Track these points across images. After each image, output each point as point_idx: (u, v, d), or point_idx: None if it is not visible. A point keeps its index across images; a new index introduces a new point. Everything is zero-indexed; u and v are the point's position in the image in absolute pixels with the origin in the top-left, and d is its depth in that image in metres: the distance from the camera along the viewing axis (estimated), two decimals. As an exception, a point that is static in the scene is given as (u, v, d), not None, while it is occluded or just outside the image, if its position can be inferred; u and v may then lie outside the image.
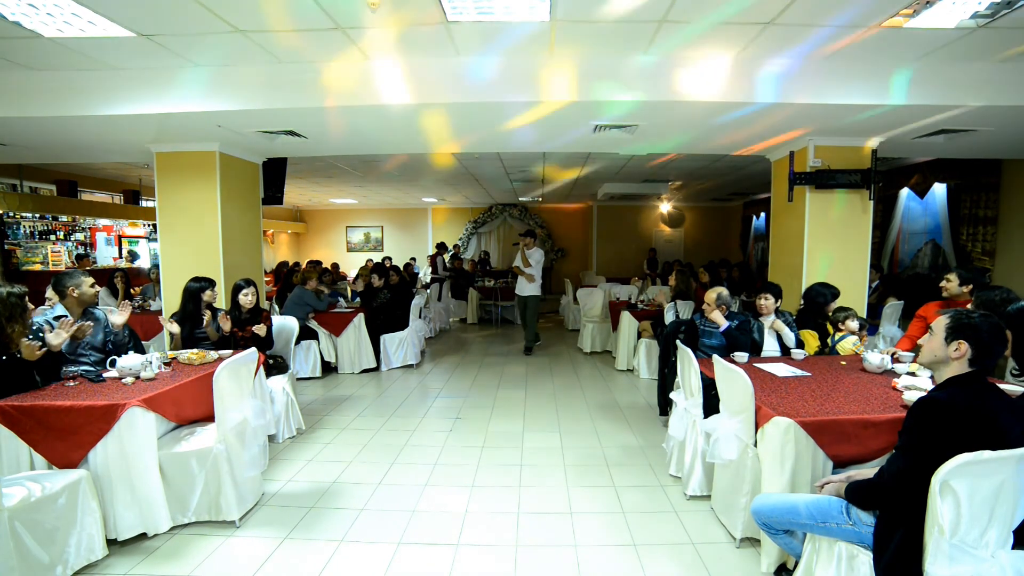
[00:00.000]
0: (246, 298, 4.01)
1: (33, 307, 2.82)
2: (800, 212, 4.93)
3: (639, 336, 6.04)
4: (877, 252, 7.52)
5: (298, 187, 10.13)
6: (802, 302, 4.17)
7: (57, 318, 3.07)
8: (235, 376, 2.85)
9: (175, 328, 3.69)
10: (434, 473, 3.43)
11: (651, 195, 11.62)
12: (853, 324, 3.67)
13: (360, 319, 6.12)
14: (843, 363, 3.29)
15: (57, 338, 2.80)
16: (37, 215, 8.32)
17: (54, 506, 2.23)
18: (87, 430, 2.44)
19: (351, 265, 13.34)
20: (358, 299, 6.99)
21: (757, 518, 2.12)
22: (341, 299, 7.09)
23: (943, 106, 3.83)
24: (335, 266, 11.12)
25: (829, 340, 3.72)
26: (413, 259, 12.32)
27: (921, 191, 7.02)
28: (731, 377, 2.59)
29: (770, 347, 3.70)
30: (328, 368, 6.13)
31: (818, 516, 1.91)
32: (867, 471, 2.01)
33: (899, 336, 5.25)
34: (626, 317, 6.22)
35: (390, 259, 10.40)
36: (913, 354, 3.20)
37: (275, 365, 4.11)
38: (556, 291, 12.70)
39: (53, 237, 8.81)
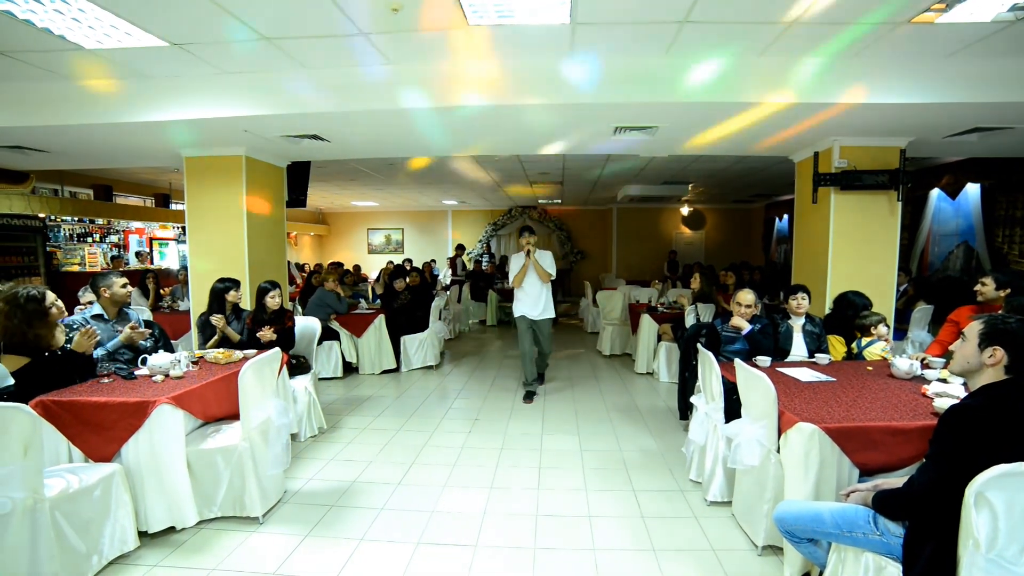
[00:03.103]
0: (273, 300, 4.10)
1: (63, 309, 2.92)
2: (825, 214, 4.84)
3: (659, 339, 5.98)
4: (905, 254, 7.32)
5: (321, 190, 10.31)
6: (831, 307, 4.08)
7: (95, 316, 3.21)
8: (259, 375, 2.91)
9: (220, 322, 3.81)
10: (453, 474, 3.45)
11: (671, 197, 11.53)
12: (883, 329, 3.58)
13: (381, 320, 6.20)
14: (869, 368, 3.21)
15: (85, 345, 2.89)
16: (75, 218, 8.66)
17: (90, 498, 2.31)
18: (120, 425, 2.53)
19: (372, 267, 13.52)
20: (379, 300, 7.08)
21: (780, 526, 2.07)
22: (362, 300, 7.19)
23: (977, 103, 3.71)
24: (356, 267, 11.27)
25: (855, 345, 3.63)
26: (433, 261, 12.43)
27: (953, 192, 6.81)
28: (753, 381, 2.55)
29: (797, 350, 3.62)
30: (349, 368, 6.21)
31: (844, 525, 1.86)
32: (895, 480, 1.95)
33: (928, 341, 5.11)
34: (646, 320, 6.16)
35: (410, 261, 10.50)
36: (944, 360, 3.11)
37: (298, 365, 4.18)
38: (576, 293, 12.66)
39: (90, 239, 9.15)
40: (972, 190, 6.68)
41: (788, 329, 3.68)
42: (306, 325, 4.44)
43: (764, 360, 3.27)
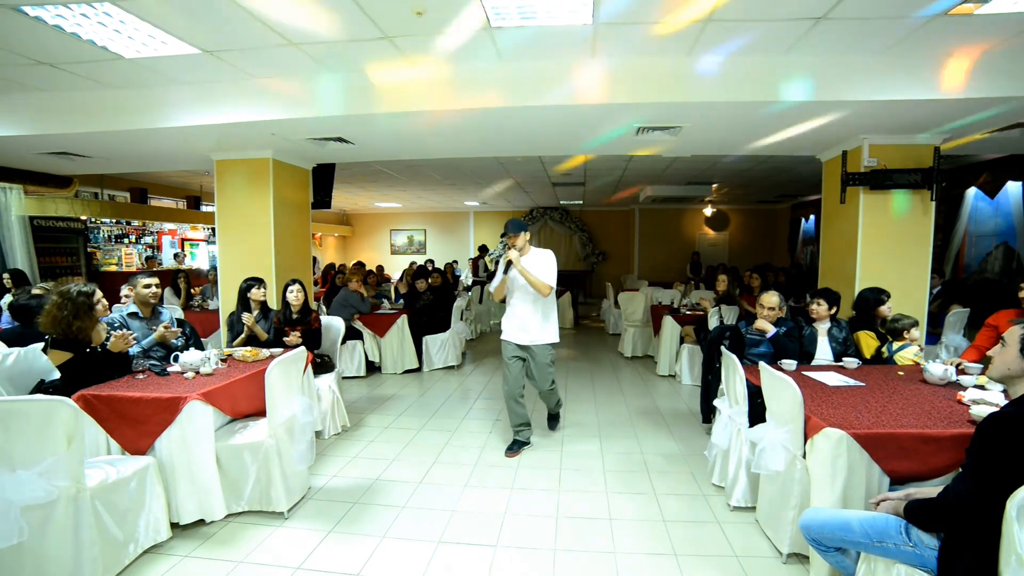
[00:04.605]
0: (292, 295, 4.19)
1: (107, 307, 3.07)
2: (853, 214, 4.71)
3: (681, 341, 5.92)
4: (939, 256, 7.08)
5: (345, 191, 10.48)
6: (854, 309, 3.99)
7: (131, 314, 3.34)
8: (285, 373, 2.98)
9: (250, 320, 3.92)
10: (474, 474, 3.47)
11: (695, 197, 11.37)
12: (915, 333, 3.48)
13: (403, 320, 6.27)
14: (900, 373, 3.12)
15: (120, 346, 3.01)
16: (113, 220, 9.00)
17: (127, 488, 2.41)
18: (154, 420, 2.62)
19: (395, 267, 13.68)
20: (402, 300, 7.16)
21: (806, 534, 2.03)
22: (385, 300, 7.28)
23: (1019, 97, 3.56)
24: (379, 268, 11.42)
25: (885, 349, 3.53)
26: (455, 262, 12.51)
27: (991, 190, 6.56)
28: (778, 385, 2.51)
29: (822, 354, 3.55)
30: (372, 368, 6.30)
31: (874, 535, 1.80)
32: (928, 490, 1.89)
33: (964, 346, 4.93)
34: (668, 322, 6.10)
35: (432, 262, 10.59)
36: (981, 366, 3.00)
37: (322, 364, 4.26)
38: (597, 295, 12.60)
39: (126, 240, 9.50)
40: (1013, 188, 6.42)
41: (813, 332, 3.61)
42: (330, 324, 4.52)
43: (789, 363, 3.20)
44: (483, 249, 12.18)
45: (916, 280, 4.63)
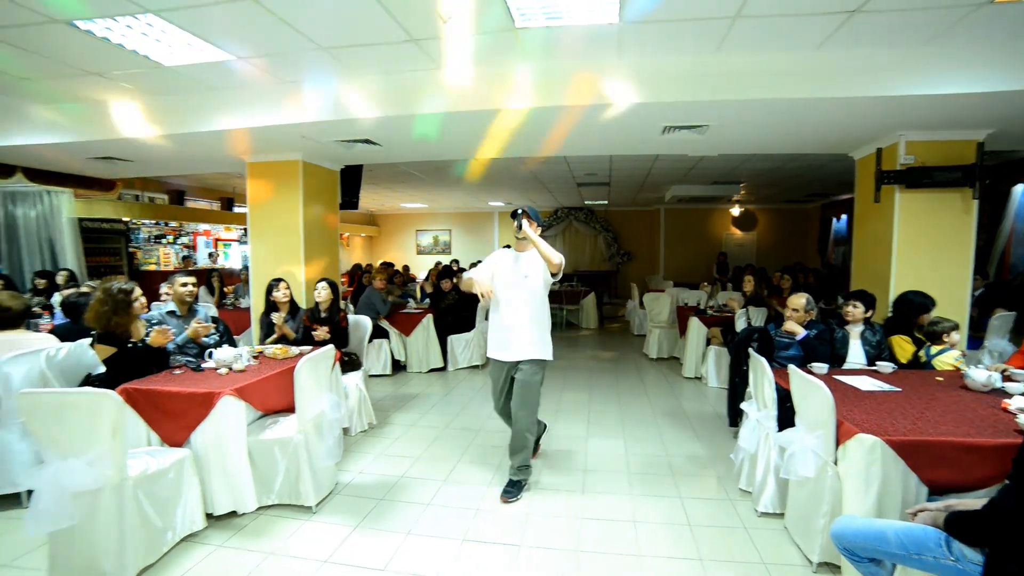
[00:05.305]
0: (318, 293, 4.29)
1: (145, 304, 3.22)
2: (888, 214, 4.55)
3: (708, 343, 5.82)
4: (983, 256, 6.78)
5: (372, 192, 10.65)
6: (891, 311, 3.85)
7: (169, 312, 3.48)
8: (314, 371, 3.05)
9: (279, 320, 4.03)
10: (498, 473, 3.48)
11: (721, 197, 11.17)
12: (955, 337, 3.34)
13: (429, 320, 6.33)
14: (939, 379, 3.01)
15: (160, 340, 3.14)
16: (153, 221, 9.38)
17: (165, 479, 2.51)
18: (190, 414, 2.72)
19: (421, 267, 13.82)
20: (427, 300, 7.24)
21: (838, 543, 1.97)
22: (411, 300, 7.37)
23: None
24: (405, 268, 11.56)
25: (923, 353, 3.41)
26: (480, 261, 12.56)
27: (1040, 188, 6.26)
28: (809, 389, 2.45)
29: (854, 358, 3.44)
30: (398, 366, 6.39)
31: (911, 547, 1.73)
32: (971, 501, 1.81)
33: (1009, 351, 4.71)
34: (694, 323, 6.01)
35: (457, 262, 10.67)
36: (1028, 372, 2.87)
37: (349, 362, 4.34)
38: (622, 295, 12.49)
39: (164, 240, 9.87)
40: (1063, 186, 6.11)
41: (845, 336, 3.50)
42: (358, 323, 4.60)
43: (821, 367, 3.12)
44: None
45: (956, 282, 4.44)
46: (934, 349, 3.36)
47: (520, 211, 3.06)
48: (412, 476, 3.44)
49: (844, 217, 10.58)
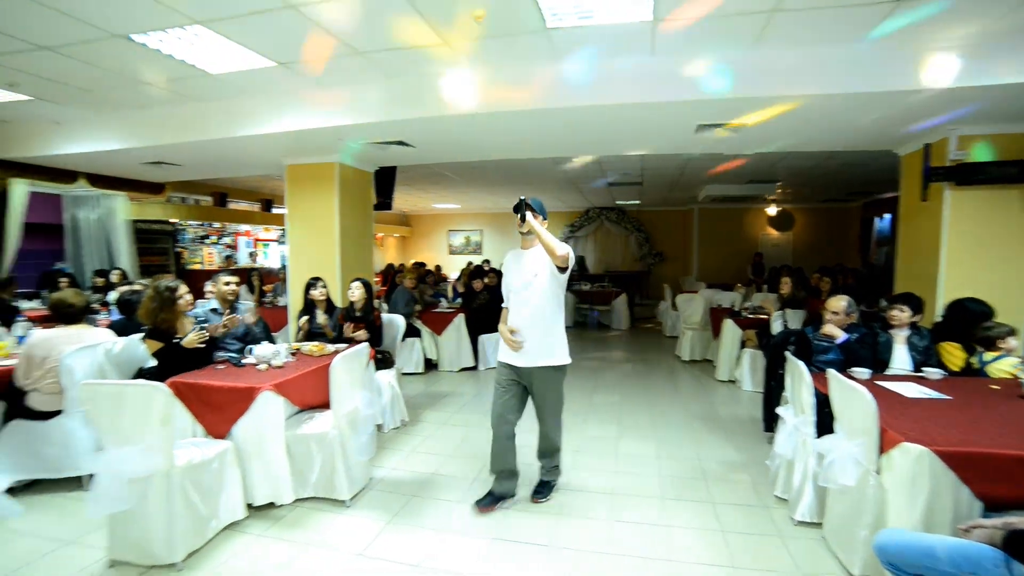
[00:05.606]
0: (352, 293, 4.39)
1: (190, 301, 3.37)
2: (936, 213, 4.34)
3: (743, 345, 5.68)
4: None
5: (405, 193, 10.82)
6: (942, 315, 3.66)
7: (213, 310, 3.64)
8: (348, 368, 3.13)
9: (322, 319, 4.16)
10: (528, 473, 3.49)
11: (757, 196, 10.87)
12: (1012, 343, 3.16)
13: (461, 319, 6.40)
14: (995, 387, 2.85)
15: (197, 338, 3.26)
16: (198, 222, 9.81)
17: (209, 469, 2.63)
18: (232, 408, 2.83)
19: (453, 267, 13.96)
20: (459, 300, 7.31)
21: (882, 556, 1.88)
22: (443, 299, 7.45)
23: None
24: (438, 268, 11.70)
25: (976, 360, 3.24)
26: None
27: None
28: (850, 394, 2.37)
29: (899, 364, 3.30)
30: (430, 365, 6.47)
31: (964, 565, 1.62)
32: (1034, 519, 1.71)
33: (1073, 358, 4.43)
34: (729, 325, 5.88)
35: (488, 262, 10.71)
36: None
37: (383, 360, 4.44)
38: (654, 296, 12.31)
39: (208, 241, 10.30)
40: None
41: (888, 340, 3.35)
42: (391, 322, 4.69)
43: (862, 372, 3.01)
44: (538, 250, 12.17)
45: (1012, 284, 4.20)
46: (988, 355, 3.18)
47: (522, 201, 2.72)
48: (443, 473, 3.49)
49: (887, 216, 10.15)
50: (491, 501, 2.99)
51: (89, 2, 2.87)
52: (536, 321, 2.84)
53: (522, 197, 2.74)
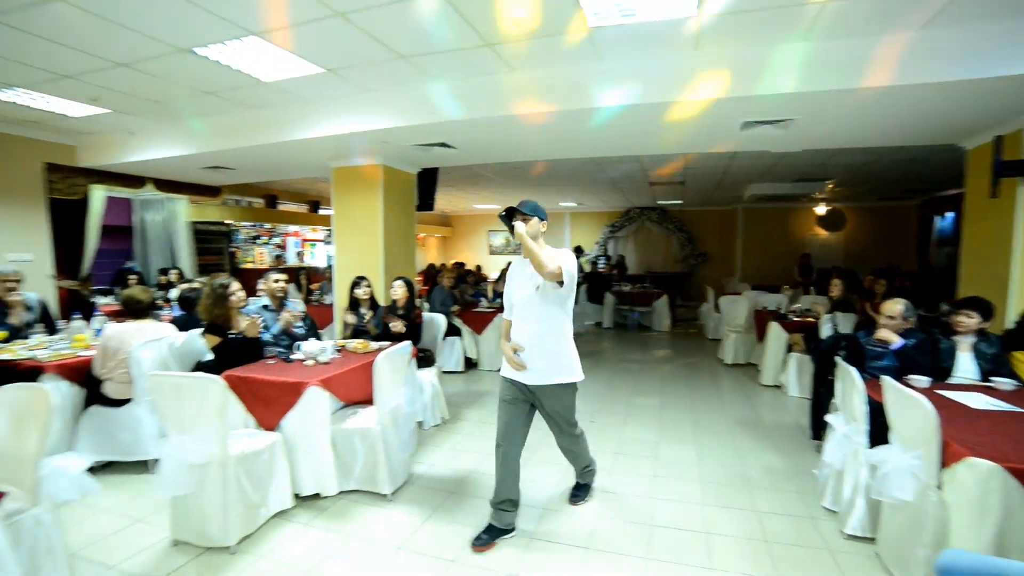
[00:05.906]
0: (394, 291, 4.51)
1: (243, 298, 3.57)
2: (1008, 211, 4.05)
3: (789, 349, 5.48)
4: None
5: (447, 194, 10.98)
6: (1015, 322, 3.42)
7: (264, 306, 3.82)
8: (391, 365, 3.21)
9: (351, 319, 4.30)
10: (565, 475, 3.49)
11: (805, 195, 10.43)
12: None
13: (500, 318, 6.42)
14: (1073, 399, 2.65)
15: (252, 330, 3.48)
16: (250, 223, 10.30)
17: (260, 459, 2.77)
18: (281, 401, 2.96)
19: (493, 267, 14.06)
20: (498, 300, 7.36)
21: None
22: (483, 299, 7.52)
23: None
24: (478, 268, 11.82)
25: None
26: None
27: None
28: (907, 403, 2.25)
29: (964, 372, 3.11)
30: (470, 364, 6.54)
31: None
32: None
33: None
34: (774, 328, 5.68)
35: (526, 262, 10.72)
36: None
37: (424, 358, 4.52)
38: (696, 298, 12.02)
39: (259, 241, 10.80)
40: None
41: (951, 346, 3.15)
42: (432, 320, 4.78)
43: (921, 380, 2.85)
44: (578, 250, 12.09)
45: (1095, 289, 3.89)
46: (1064, 365, 2.96)
47: (511, 209, 2.51)
48: (482, 471, 3.53)
49: (949, 215, 9.54)
50: (491, 538, 2.65)
51: (159, 20, 3.09)
52: (541, 339, 2.59)
53: (516, 206, 2.55)
